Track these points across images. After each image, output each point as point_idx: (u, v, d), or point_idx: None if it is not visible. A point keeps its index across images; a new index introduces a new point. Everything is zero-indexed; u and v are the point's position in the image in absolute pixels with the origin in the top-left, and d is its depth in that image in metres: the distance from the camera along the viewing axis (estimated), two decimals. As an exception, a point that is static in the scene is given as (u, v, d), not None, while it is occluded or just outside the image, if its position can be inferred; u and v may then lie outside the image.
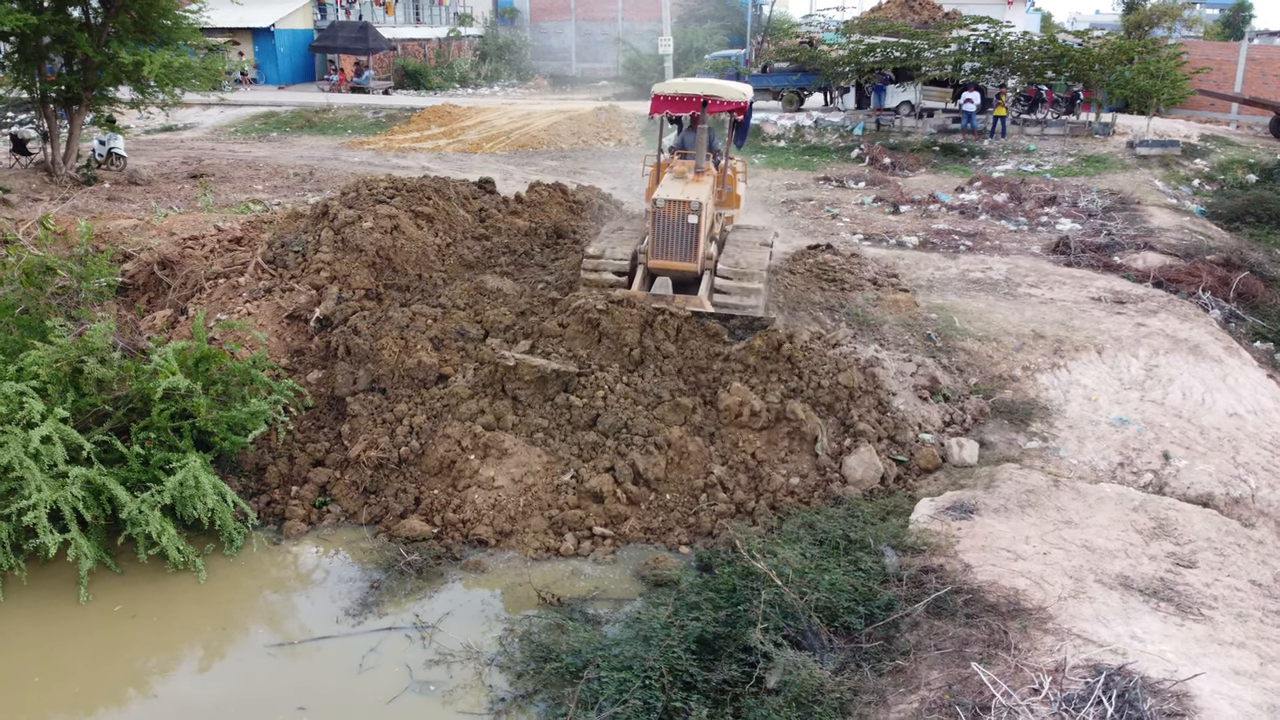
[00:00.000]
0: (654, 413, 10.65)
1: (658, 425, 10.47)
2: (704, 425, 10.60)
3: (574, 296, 11.78)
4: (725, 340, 11.40)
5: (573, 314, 11.39)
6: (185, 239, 14.18)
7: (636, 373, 11.06)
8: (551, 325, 11.40)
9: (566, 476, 10.10)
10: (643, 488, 10.04)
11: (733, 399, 10.48)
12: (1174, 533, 9.06)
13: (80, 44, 20.08)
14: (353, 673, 7.82)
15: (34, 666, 8.10)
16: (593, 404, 10.71)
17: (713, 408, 10.70)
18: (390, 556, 9.24)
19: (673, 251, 12.06)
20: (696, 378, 11.06)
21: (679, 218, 11.87)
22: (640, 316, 11.27)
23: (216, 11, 24.94)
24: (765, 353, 11.05)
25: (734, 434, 10.47)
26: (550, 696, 7.30)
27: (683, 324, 11.34)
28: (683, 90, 12.85)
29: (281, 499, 10.13)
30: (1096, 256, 16.78)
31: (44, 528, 8.51)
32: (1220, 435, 11.08)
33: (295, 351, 11.71)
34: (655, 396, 10.82)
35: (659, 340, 11.22)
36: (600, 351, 11.19)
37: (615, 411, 10.60)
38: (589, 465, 10.17)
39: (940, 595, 7.53)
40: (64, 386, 9.71)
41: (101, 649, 8.37)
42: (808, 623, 7.33)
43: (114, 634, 8.55)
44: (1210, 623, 7.60)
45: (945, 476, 10.34)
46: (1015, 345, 12.53)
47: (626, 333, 11.14)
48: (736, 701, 6.92)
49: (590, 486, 9.91)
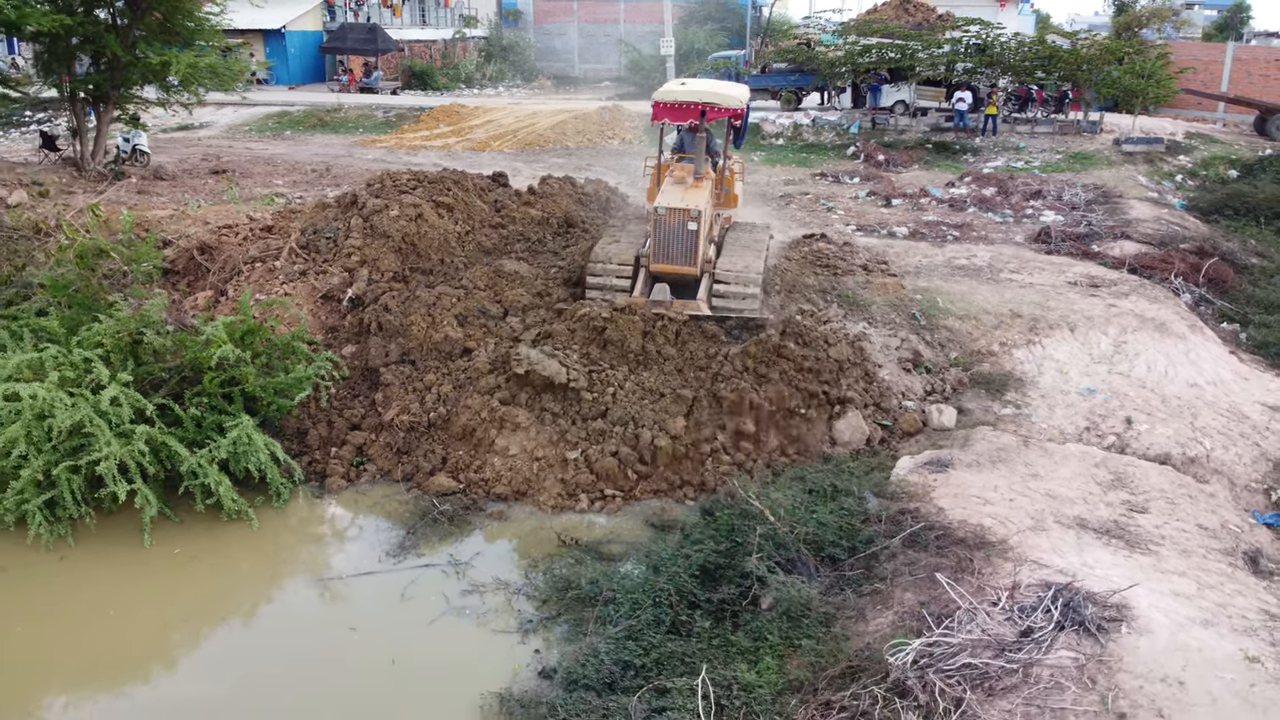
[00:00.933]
0: (658, 405, 11.33)
1: (663, 417, 11.19)
2: (707, 420, 11.27)
3: (579, 305, 12.39)
4: (723, 340, 12.03)
5: (579, 321, 12.03)
6: (220, 227, 15.18)
7: (641, 373, 11.64)
8: (560, 329, 12.06)
9: (575, 454, 10.97)
10: (649, 465, 10.81)
11: (733, 395, 11.17)
12: (1130, 485, 10.04)
13: (109, 44, 21.09)
14: (395, 601, 8.81)
15: (108, 601, 9.09)
16: (602, 399, 11.35)
17: (715, 398, 11.36)
18: (423, 507, 10.25)
19: (674, 256, 12.78)
20: (697, 376, 11.71)
21: (679, 225, 12.61)
22: (641, 324, 11.87)
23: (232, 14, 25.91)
24: (761, 356, 11.63)
25: (735, 420, 11.20)
26: (572, 618, 8.30)
27: (681, 328, 12.00)
28: (682, 98, 13.29)
29: (322, 459, 11.13)
30: (1076, 245, 17.77)
31: (114, 477, 9.50)
32: (1180, 403, 12.07)
33: (329, 329, 12.70)
34: (659, 394, 11.46)
35: (660, 345, 11.87)
36: (607, 355, 11.81)
37: (623, 405, 11.29)
38: (597, 448, 10.93)
39: (915, 531, 8.52)
40: (124, 355, 10.71)
41: (165, 587, 9.35)
42: (797, 553, 8.32)
43: (176, 574, 9.53)
44: (1156, 556, 8.59)
45: (925, 439, 11.33)
46: (994, 323, 13.52)
47: (630, 339, 11.77)
48: (735, 618, 7.91)
49: (600, 467, 10.74)
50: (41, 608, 8.95)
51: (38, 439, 9.71)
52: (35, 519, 9.55)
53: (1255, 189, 23.27)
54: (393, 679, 7.90)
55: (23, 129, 31.15)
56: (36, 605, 8.97)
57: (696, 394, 11.37)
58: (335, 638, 8.48)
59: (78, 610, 8.93)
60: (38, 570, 9.42)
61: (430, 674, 7.96)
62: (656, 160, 14.53)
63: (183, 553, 9.81)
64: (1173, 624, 7.16)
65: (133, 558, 9.69)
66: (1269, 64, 34.89)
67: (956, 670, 6.47)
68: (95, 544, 9.84)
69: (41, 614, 8.86)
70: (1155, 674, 6.42)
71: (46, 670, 8.18)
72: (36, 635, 8.61)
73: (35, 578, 9.32)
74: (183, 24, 22.47)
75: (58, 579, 9.32)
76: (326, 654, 8.28)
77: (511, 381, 11.52)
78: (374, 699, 7.70)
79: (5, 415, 9.85)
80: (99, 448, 9.59)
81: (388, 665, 8.00)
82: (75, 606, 8.97)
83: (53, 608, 8.95)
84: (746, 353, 11.65)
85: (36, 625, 8.72)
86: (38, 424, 9.74)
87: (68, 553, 9.64)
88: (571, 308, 12.46)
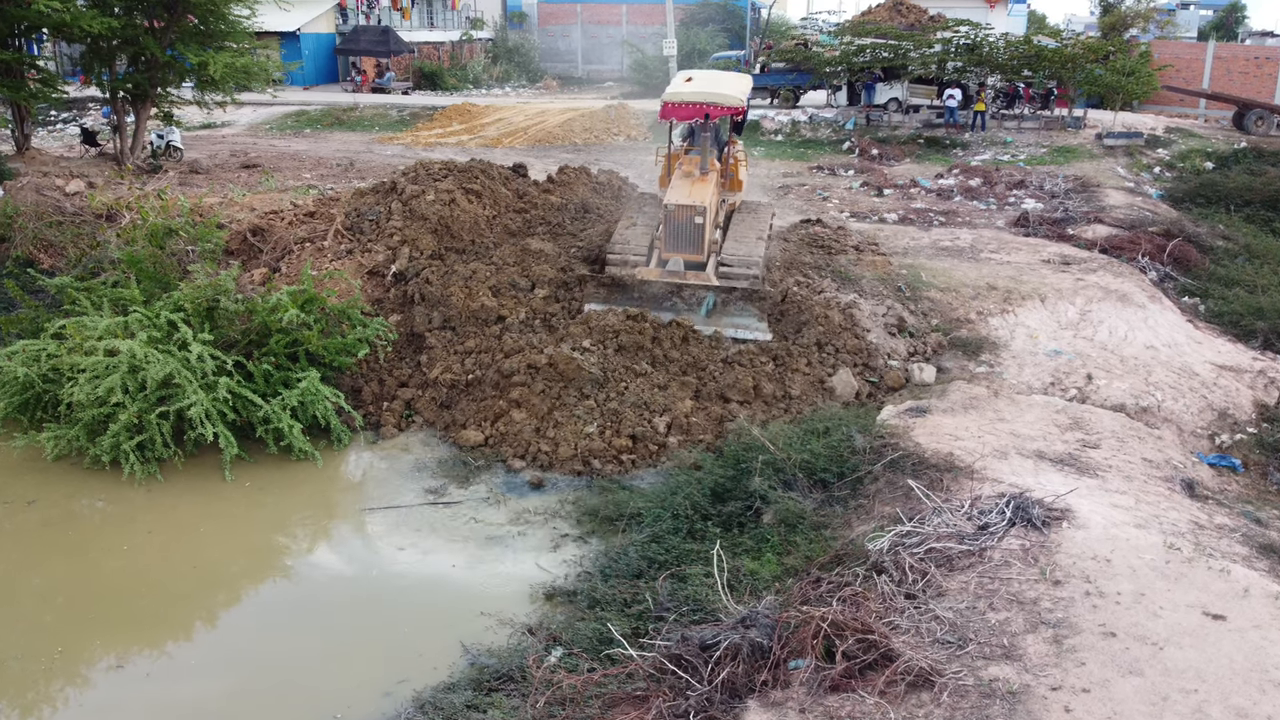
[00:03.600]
0: (666, 393, 12.51)
1: (672, 401, 12.41)
2: (710, 405, 12.48)
3: (592, 313, 13.50)
4: (725, 345, 13.25)
5: (594, 325, 13.19)
6: (267, 213, 16.64)
7: (652, 374, 12.75)
8: (578, 330, 13.21)
9: (591, 428, 12.24)
10: (665, 435, 12.00)
11: (734, 378, 12.49)
12: (1086, 427, 11.48)
13: (148, 45, 22.58)
14: (441, 524, 10.27)
15: (198, 522, 10.55)
16: (616, 389, 12.45)
17: (715, 382, 12.57)
18: (461, 455, 11.68)
19: (682, 246, 14.07)
20: (699, 375, 12.92)
21: (687, 220, 13.93)
22: (651, 330, 13.15)
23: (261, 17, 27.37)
24: (756, 353, 12.97)
25: (736, 400, 12.52)
26: (602, 534, 9.75)
27: (688, 333, 13.31)
28: (688, 99, 14.34)
29: (375, 412, 12.59)
30: (1052, 229, 19.23)
31: (202, 421, 10.95)
32: (1137, 362, 13.52)
33: (375, 301, 14.13)
34: (666, 387, 12.62)
35: (666, 349, 13.12)
36: (622, 357, 12.91)
37: (636, 393, 12.47)
38: (613, 429, 11.99)
39: (894, 458, 9.96)
40: (202, 319, 12.16)
41: (243, 513, 10.83)
42: (793, 476, 9.76)
43: (252, 504, 10.99)
44: (1102, 479, 10.03)
45: (908, 393, 12.77)
46: (972, 295, 14.97)
47: (640, 340, 13.02)
48: (741, 528, 9.37)
49: (618, 444, 11.79)
50: (142, 529, 10.41)
51: (132, 389, 11.15)
52: (129, 459, 10.99)
53: (1226, 179, 24.74)
54: (453, 583, 9.33)
55: (51, 128, 32.74)
56: (138, 527, 10.43)
57: (697, 385, 12.58)
58: (393, 554, 9.92)
59: (171, 531, 10.39)
60: (132, 503, 10.86)
61: (485, 578, 9.39)
62: (667, 150, 15.91)
63: (253, 486, 11.25)
64: (1107, 522, 8.59)
65: (215, 492, 11.13)
66: (1248, 62, 36.41)
67: (924, 553, 7.91)
68: (181, 481, 11.27)
69: (144, 532, 10.33)
70: (1087, 554, 7.86)
71: (150, 577, 9.64)
72: (135, 549, 10.09)
73: (132, 507, 10.76)
74: (216, 26, 23.97)
75: (152, 509, 10.76)
76: (388, 567, 9.71)
77: (533, 369, 12.53)
78: (440, 596, 9.14)
79: (101, 369, 11.28)
80: (187, 396, 11.03)
81: (449, 570, 9.45)
82: (168, 528, 10.43)
83: (152, 527, 10.41)
84: (745, 352, 12.96)
85: (142, 541, 10.20)
86: (131, 376, 11.18)
87: (156, 487, 11.08)
88: (587, 313, 13.52)
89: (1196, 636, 6.69)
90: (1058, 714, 5.99)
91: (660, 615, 7.80)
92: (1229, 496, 10.64)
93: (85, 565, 9.76)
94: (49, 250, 16.43)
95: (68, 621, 8.81)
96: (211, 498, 11.00)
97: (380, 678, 7.89)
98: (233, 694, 7.89)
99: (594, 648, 7.45)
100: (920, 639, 6.80)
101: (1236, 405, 12.85)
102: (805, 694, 6.26)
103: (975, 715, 6.02)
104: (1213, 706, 5.99)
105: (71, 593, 9.32)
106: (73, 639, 8.54)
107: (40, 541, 10.15)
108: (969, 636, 6.84)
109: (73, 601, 9.16)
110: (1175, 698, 6.10)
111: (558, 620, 8.28)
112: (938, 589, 7.50)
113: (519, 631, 8.12)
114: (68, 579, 9.52)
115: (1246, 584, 7.47)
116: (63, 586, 9.43)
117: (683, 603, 7.91)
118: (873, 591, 7.40)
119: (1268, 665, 6.34)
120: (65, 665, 8.23)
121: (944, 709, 6.06)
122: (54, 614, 8.97)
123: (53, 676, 8.11)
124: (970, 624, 7.00)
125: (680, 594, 8.09)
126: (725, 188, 15.65)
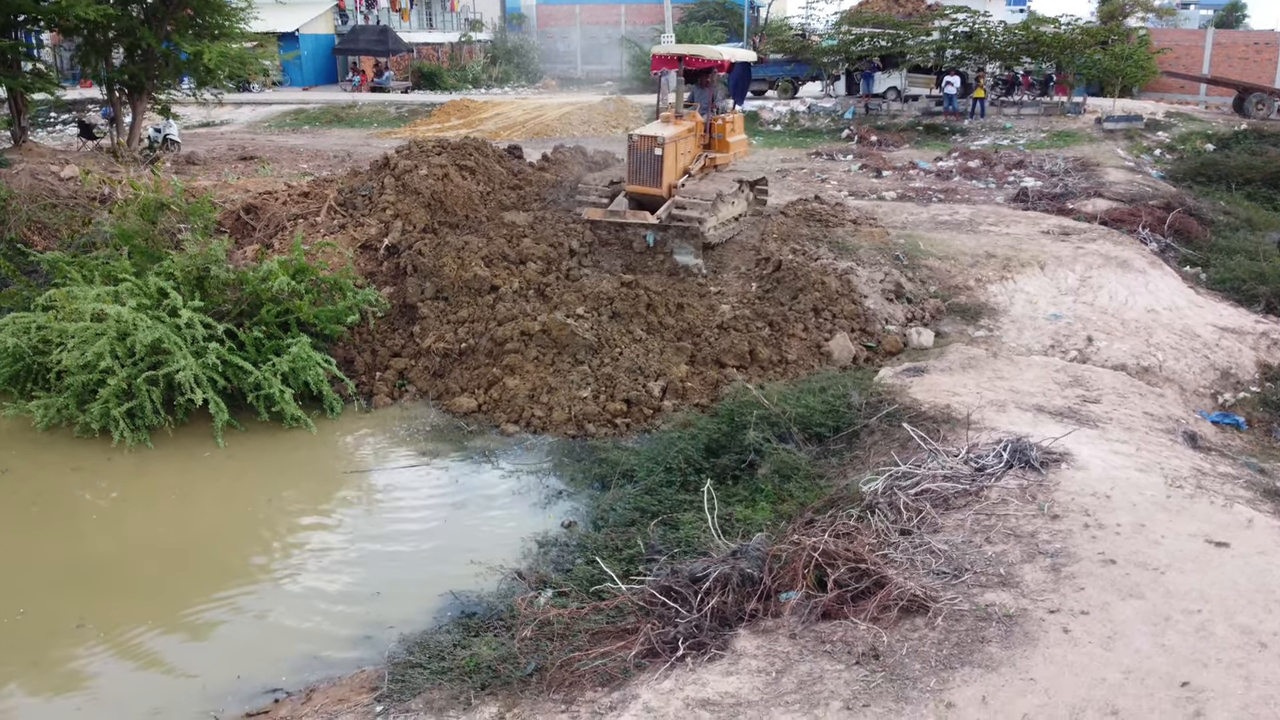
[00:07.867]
0: (661, 358, 12.55)
1: (666, 366, 12.51)
2: (705, 369, 12.44)
3: (586, 280, 13.71)
4: (720, 313, 13.21)
5: (588, 293, 13.27)
6: (261, 192, 16.55)
7: (646, 336, 12.82)
8: (571, 297, 13.25)
9: (585, 392, 12.14)
10: (660, 399, 11.94)
11: (729, 343, 12.43)
12: (1086, 384, 11.31)
13: (144, 36, 22.57)
14: (434, 484, 10.14)
15: (189, 487, 10.43)
16: (610, 354, 12.48)
17: (711, 347, 12.51)
18: (454, 422, 11.55)
19: (643, 178, 14.61)
20: (694, 340, 12.84)
21: (648, 150, 14.46)
22: (646, 296, 13.19)
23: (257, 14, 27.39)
24: (752, 318, 12.92)
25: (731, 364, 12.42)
26: (596, 489, 9.61)
27: (683, 301, 13.32)
28: (674, 51, 15.80)
29: (368, 382, 12.46)
30: (1051, 204, 19.08)
31: (191, 386, 10.83)
32: (1138, 325, 13.36)
33: (368, 274, 14.03)
34: (661, 352, 12.59)
35: (660, 315, 13.12)
36: (614, 321, 12.99)
37: (630, 357, 12.54)
38: (606, 394, 12.11)
39: (891, 411, 9.81)
40: (192, 288, 12.06)
41: (236, 477, 10.70)
42: (788, 430, 9.61)
43: (242, 469, 10.87)
44: (1102, 430, 9.86)
45: (906, 357, 12.60)
46: (970, 263, 14.83)
47: (635, 307, 13.04)
48: (735, 481, 9.21)
49: (612, 409, 11.81)
50: (130, 497, 10.29)
51: (120, 355, 11.04)
52: (119, 426, 10.87)
53: (1227, 158, 24.58)
54: (448, 536, 9.20)
55: (50, 129, 32.76)
56: (128, 495, 10.31)
57: (696, 350, 12.58)
58: (389, 514, 9.80)
59: (164, 497, 10.27)
60: (121, 469, 10.73)
61: (479, 532, 9.26)
62: (656, 107, 16.22)
63: (244, 452, 11.13)
64: (1107, 465, 8.44)
65: (205, 458, 11.01)
66: (1247, 48, 36.27)
67: (919, 494, 7.76)
68: (171, 447, 11.15)
69: (129, 501, 10.22)
70: (1086, 491, 7.70)
71: (139, 541, 9.51)
72: (127, 516, 9.98)
73: (120, 474, 10.64)
74: (212, 18, 23.97)
75: (142, 476, 10.65)
76: (381, 527, 9.57)
77: (526, 336, 12.61)
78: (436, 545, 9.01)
79: (89, 334, 11.17)
80: (177, 361, 10.92)
81: (440, 525, 9.32)
82: (159, 495, 10.31)
83: (140, 496, 10.30)
84: (739, 317, 13.05)
85: (125, 509, 10.08)
86: (120, 342, 11.07)
87: (146, 455, 10.95)
88: (581, 282, 13.67)
89: (1199, 562, 6.54)
90: (1056, 634, 5.84)
91: (651, 558, 7.65)
92: (1233, 450, 10.47)
93: (70, 532, 9.58)
94: (43, 232, 16.37)
95: (43, 587, 8.60)
96: (202, 464, 10.88)
97: (369, 625, 7.76)
98: (221, 649, 7.75)
99: (584, 588, 7.31)
100: (915, 570, 6.65)
101: (1239, 365, 12.68)
102: (796, 621, 6.12)
103: (970, 637, 5.87)
104: (1216, 625, 5.84)
105: (51, 558, 9.11)
106: (42, 603, 8.32)
107: (24, 512, 9.96)
108: (964, 567, 6.69)
109: (53, 567, 8.97)
110: (1178, 618, 5.94)
111: (548, 564, 8.15)
112: (933, 525, 7.35)
113: (509, 577, 7.98)
114: (50, 545, 9.33)
115: (1250, 516, 7.32)
116: (43, 551, 9.23)
117: (673, 545, 7.77)
118: (867, 528, 7.25)
119: (1273, 585, 6.18)
120: (28, 625, 8.02)
121: (938, 632, 5.92)
122: (29, 578, 8.77)
123: (16, 637, 7.92)
124: (966, 556, 6.84)
125: (671, 538, 7.94)
126: (712, 148, 15.83)
